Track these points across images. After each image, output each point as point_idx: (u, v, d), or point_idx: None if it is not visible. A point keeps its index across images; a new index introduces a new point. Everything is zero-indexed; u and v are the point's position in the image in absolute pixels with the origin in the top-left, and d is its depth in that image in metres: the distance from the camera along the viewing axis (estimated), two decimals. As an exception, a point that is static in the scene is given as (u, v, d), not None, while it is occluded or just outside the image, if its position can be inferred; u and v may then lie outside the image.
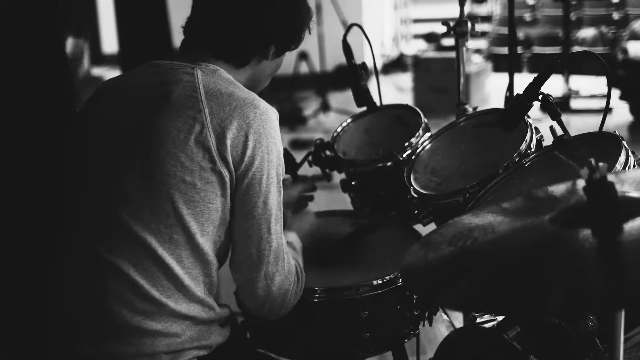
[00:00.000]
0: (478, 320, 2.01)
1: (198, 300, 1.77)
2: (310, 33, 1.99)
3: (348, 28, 2.53)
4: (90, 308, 1.75)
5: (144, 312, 1.72)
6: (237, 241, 1.80)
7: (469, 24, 2.51)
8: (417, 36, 11.01)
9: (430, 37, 9.69)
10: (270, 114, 1.79)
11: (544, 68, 1.94)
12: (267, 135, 1.76)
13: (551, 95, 1.95)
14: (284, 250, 1.82)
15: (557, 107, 1.94)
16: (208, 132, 1.70)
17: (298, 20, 1.93)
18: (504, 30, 9.53)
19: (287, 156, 2.37)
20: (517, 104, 1.97)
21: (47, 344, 1.82)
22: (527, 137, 2.02)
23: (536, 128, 2.07)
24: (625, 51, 7.01)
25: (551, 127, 1.96)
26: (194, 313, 1.76)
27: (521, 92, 1.97)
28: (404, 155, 2.32)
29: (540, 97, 1.94)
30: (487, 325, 2.00)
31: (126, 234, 1.72)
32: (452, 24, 2.52)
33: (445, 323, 2.20)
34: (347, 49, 2.52)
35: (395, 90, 8.83)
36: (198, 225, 1.73)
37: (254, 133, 1.73)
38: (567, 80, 7.40)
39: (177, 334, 1.75)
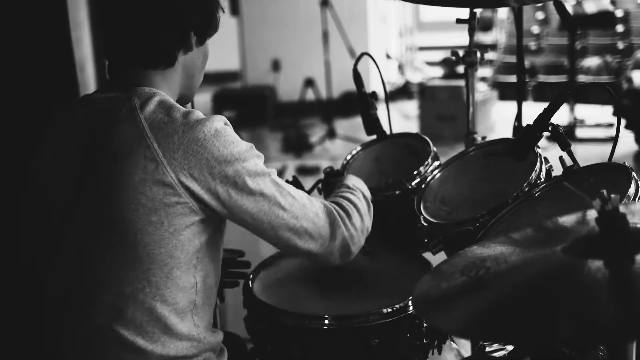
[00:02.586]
0: (487, 349, 2.01)
1: (185, 336, 1.75)
2: (224, 12, 1.89)
3: (359, 57, 2.55)
4: None
5: None
6: (271, 238, 1.81)
7: (478, 54, 2.53)
8: (432, 63, 11.05)
9: (446, 63, 9.74)
10: (216, 124, 1.70)
11: (554, 98, 1.95)
12: (225, 144, 1.69)
13: (561, 126, 1.97)
14: (309, 207, 1.83)
15: (566, 138, 1.95)
16: (164, 168, 1.64)
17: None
18: (509, 58, 9.57)
19: (296, 183, 2.38)
20: (527, 134, 1.98)
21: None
22: (537, 167, 2.03)
23: (545, 158, 2.08)
24: (630, 80, 7.03)
25: (560, 158, 1.98)
26: (184, 352, 1.75)
27: (531, 123, 1.99)
28: (413, 184, 2.34)
29: (550, 127, 1.96)
30: (496, 355, 2.00)
31: (104, 290, 1.69)
32: (461, 53, 2.54)
33: (454, 352, 2.19)
34: (357, 77, 2.54)
35: (401, 118, 8.85)
36: (173, 260, 1.70)
37: (211, 151, 1.67)
38: (572, 109, 7.43)
39: None
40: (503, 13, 10.49)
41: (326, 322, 1.93)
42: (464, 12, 2.51)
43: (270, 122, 8.92)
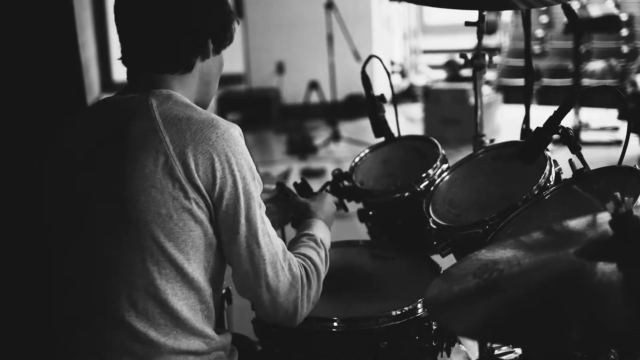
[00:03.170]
0: (496, 352, 2.01)
1: (197, 332, 1.75)
2: (239, 23, 1.92)
3: (367, 60, 2.55)
4: None
5: (144, 356, 1.70)
6: (231, 262, 1.79)
7: (487, 57, 2.53)
8: (435, 67, 11.05)
9: (450, 65, 9.73)
10: (231, 131, 1.74)
11: (564, 101, 1.95)
12: (234, 153, 1.72)
13: (571, 129, 1.97)
14: (281, 259, 1.79)
15: (576, 141, 1.95)
16: (173, 162, 1.67)
17: (221, 7, 1.87)
18: (514, 61, 9.58)
19: (304, 185, 2.38)
20: (537, 137, 1.98)
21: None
22: (547, 170, 2.03)
23: (555, 161, 2.08)
24: (634, 84, 7.03)
25: (570, 161, 1.97)
26: (195, 347, 1.75)
27: (541, 125, 1.98)
28: (422, 186, 2.34)
29: (560, 130, 1.95)
30: (504, 358, 2.00)
31: (116, 281, 1.71)
32: (469, 56, 2.53)
33: (462, 355, 2.19)
34: (366, 80, 2.54)
35: (406, 121, 8.84)
36: (184, 255, 1.70)
37: (219, 154, 1.70)
38: (577, 113, 7.43)
39: None
40: (507, 16, 10.50)
41: (334, 324, 1.93)
42: (469, 15, 2.50)
43: (274, 124, 8.93)
